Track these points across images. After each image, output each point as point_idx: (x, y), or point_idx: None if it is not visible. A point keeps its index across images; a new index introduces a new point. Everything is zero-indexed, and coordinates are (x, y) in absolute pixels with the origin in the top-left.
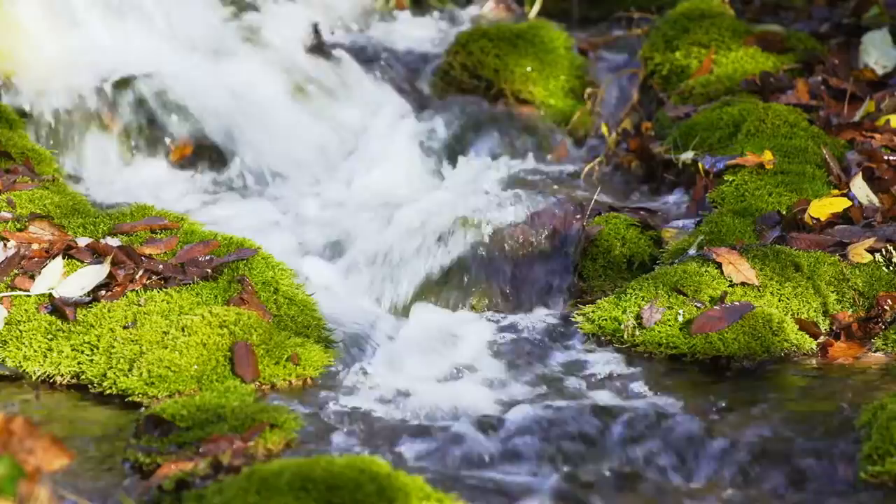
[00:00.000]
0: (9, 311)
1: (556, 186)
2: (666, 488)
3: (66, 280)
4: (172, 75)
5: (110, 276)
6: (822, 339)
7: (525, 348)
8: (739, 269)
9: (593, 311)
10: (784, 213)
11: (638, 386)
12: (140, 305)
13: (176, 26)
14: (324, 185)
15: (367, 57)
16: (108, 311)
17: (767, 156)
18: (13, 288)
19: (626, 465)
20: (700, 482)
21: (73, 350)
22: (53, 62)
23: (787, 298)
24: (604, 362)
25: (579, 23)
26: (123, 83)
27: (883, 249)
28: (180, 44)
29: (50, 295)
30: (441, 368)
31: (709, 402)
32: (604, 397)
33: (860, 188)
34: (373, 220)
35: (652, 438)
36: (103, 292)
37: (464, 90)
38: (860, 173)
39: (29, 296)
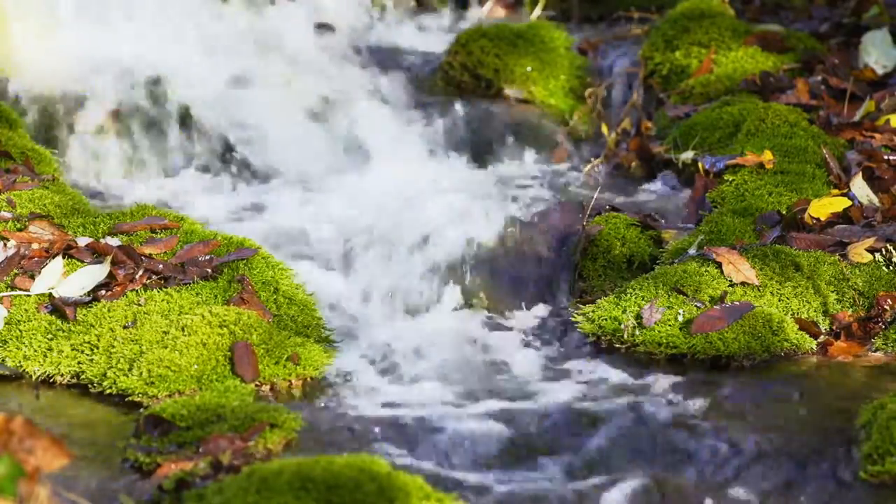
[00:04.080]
0: (9, 311)
1: (555, 186)
2: (666, 489)
3: (66, 280)
4: (172, 74)
5: (110, 275)
6: (822, 338)
7: (525, 348)
8: (739, 268)
9: (593, 311)
10: (784, 212)
11: (638, 386)
12: (140, 305)
13: (175, 26)
14: (324, 184)
15: (367, 57)
16: (108, 310)
17: (767, 155)
18: (13, 287)
19: (626, 466)
20: (700, 482)
21: (73, 350)
22: (49, 62)
23: (787, 298)
24: (603, 362)
25: (579, 23)
26: (122, 83)
27: (883, 249)
28: (180, 43)
29: (50, 294)
30: (440, 368)
31: (708, 402)
32: (603, 397)
33: (860, 188)
34: (372, 219)
35: (651, 438)
36: (103, 292)
37: (464, 90)
38: (860, 173)
39: (29, 295)
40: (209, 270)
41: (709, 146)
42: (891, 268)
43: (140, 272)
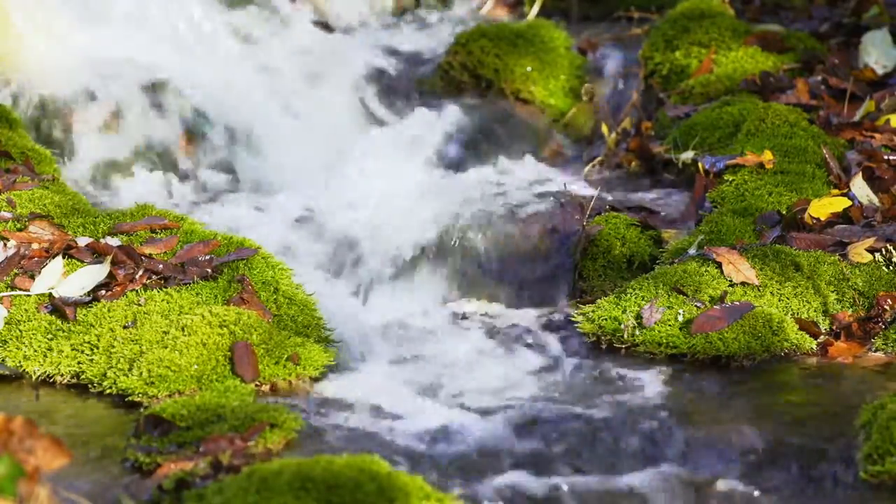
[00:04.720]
0: (9, 311)
1: (555, 186)
2: (666, 489)
3: (66, 280)
4: (174, 75)
5: (110, 275)
6: (822, 338)
7: (525, 348)
8: (739, 268)
9: (593, 311)
10: (784, 212)
11: (637, 386)
12: (140, 305)
13: (174, 26)
14: (324, 185)
15: (367, 57)
16: (108, 310)
17: (767, 155)
18: (13, 287)
19: (625, 466)
20: (700, 481)
21: (73, 350)
22: (51, 61)
23: (787, 298)
24: (603, 362)
25: (579, 22)
26: (123, 83)
27: (883, 249)
28: (180, 44)
29: (50, 294)
30: (440, 367)
31: (708, 403)
32: (603, 397)
33: (860, 188)
34: (372, 220)
35: (652, 438)
36: (103, 292)
37: (464, 90)
38: (860, 173)
39: (29, 295)
40: (209, 270)
41: (709, 146)
42: (891, 268)
43: (140, 272)
